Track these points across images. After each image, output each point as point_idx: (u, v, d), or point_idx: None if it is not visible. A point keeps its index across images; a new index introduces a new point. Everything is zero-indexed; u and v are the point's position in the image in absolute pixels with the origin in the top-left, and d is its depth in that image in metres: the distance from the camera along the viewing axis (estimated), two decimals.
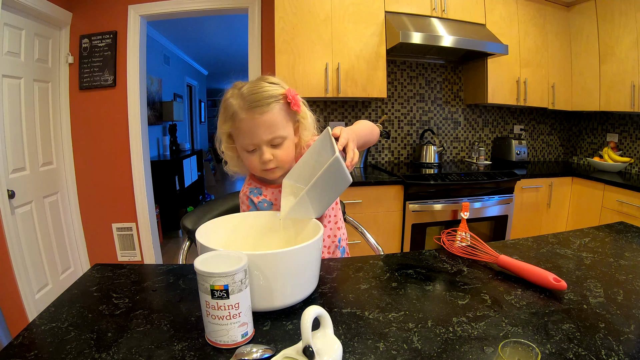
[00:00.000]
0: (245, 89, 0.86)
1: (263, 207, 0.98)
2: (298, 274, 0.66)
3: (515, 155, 2.91)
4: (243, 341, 0.57)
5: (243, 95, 0.85)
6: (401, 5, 2.38)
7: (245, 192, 1.01)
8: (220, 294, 0.54)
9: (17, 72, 2.11)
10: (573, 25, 2.81)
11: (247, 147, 0.87)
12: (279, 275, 0.63)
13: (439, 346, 0.56)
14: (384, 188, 2.22)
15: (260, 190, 1.00)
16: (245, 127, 0.85)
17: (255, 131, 0.85)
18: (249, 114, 0.84)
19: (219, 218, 0.82)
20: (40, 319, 0.63)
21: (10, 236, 1.99)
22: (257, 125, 0.84)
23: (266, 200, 0.99)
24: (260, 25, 2.57)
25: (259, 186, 1.00)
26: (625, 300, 0.68)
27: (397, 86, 2.85)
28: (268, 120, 0.85)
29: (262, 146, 0.86)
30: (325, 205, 0.81)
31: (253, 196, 1.00)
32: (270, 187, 1.00)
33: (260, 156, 0.87)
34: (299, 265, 0.65)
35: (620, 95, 2.49)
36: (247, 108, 0.84)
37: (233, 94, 0.88)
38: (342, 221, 1.07)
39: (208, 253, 0.60)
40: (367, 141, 0.97)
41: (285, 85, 0.91)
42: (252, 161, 0.89)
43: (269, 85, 0.87)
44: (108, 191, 2.66)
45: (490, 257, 0.86)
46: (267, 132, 0.85)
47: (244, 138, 0.86)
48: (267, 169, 0.89)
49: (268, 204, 0.98)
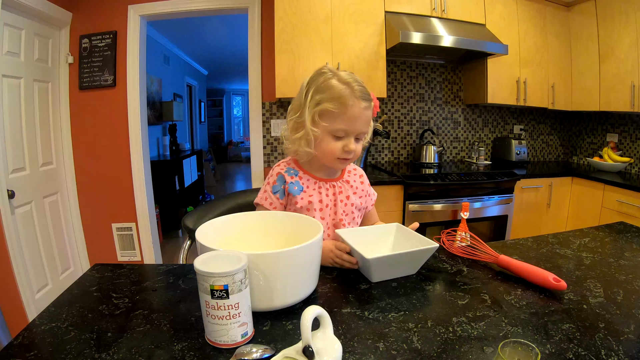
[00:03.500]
0: (350, 79, 0.90)
1: (293, 189, 0.96)
2: (298, 274, 0.66)
3: (515, 155, 2.91)
4: (243, 341, 0.57)
5: (348, 82, 0.89)
6: (401, 5, 2.38)
7: (281, 169, 1.00)
8: (220, 294, 0.53)
9: (17, 72, 2.11)
10: (573, 25, 2.81)
11: (337, 132, 0.90)
12: (279, 275, 0.63)
13: (439, 346, 0.56)
14: (384, 188, 2.22)
15: (297, 172, 0.99)
16: (351, 114, 0.88)
17: (357, 121, 0.89)
18: (359, 102, 0.88)
19: (219, 218, 0.82)
20: (40, 319, 0.63)
21: (10, 236, 1.99)
22: (361, 115, 0.89)
23: (299, 183, 0.98)
24: (260, 25, 2.57)
25: (298, 169, 1.00)
26: (625, 300, 0.68)
27: (397, 86, 2.85)
28: (369, 115, 0.92)
29: (352, 136, 0.91)
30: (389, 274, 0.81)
31: (287, 175, 0.99)
32: (308, 174, 0.99)
33: (347, 144, 0.90)
34: (299, 265, 0.65)
35: (620, 95, 2.49)
36: (358, 97, 0.88)
37: (333, 78, 0.90)
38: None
39: (208, 253, 0.60)
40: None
41: None
42: (334, 146, 0.91)
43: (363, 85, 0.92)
44: (108, 191, 2.66)
45: (490, 257, 0.86)
46: (364, 125, 0.91)
47: (341, 123, 0.89)
48: (345, 158, 0.93)
49: (299, 187, 0.97)
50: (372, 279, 0.79)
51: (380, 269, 0.78)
